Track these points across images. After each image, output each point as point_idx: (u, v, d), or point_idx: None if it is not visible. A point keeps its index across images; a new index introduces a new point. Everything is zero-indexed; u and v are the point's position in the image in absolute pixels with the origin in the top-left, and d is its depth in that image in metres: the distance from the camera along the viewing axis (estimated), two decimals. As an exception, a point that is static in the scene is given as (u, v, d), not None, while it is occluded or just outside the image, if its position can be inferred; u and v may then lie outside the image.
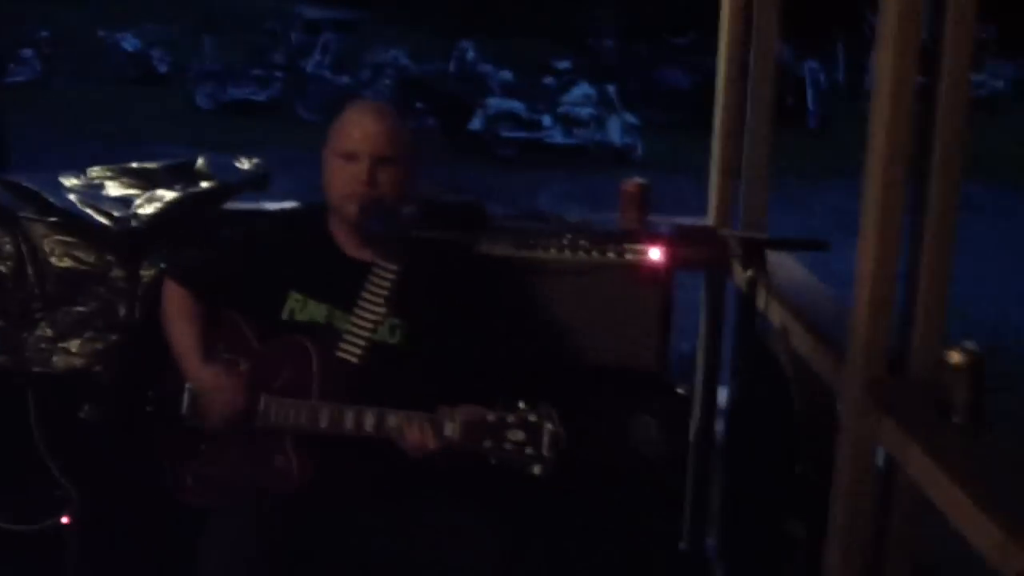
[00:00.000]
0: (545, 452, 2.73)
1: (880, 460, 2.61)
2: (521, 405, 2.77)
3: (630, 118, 17.62)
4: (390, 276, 3.19)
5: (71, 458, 3.73)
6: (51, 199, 3.78)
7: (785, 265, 3.52)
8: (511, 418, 2.76)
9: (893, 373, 2.56)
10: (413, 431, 2.88)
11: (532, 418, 2.75)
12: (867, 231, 2.51)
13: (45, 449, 3.73)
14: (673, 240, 3.55)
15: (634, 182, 3.84)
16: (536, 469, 2.74)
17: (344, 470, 3.07)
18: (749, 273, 3.24)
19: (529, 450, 2.74)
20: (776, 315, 3.31)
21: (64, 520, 3.67)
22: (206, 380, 3.19)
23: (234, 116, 18.98)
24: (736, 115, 3.88)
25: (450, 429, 2.84)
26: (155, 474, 3.34)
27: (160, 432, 3.36)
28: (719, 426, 3.98)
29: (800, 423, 3.07)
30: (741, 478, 3.71)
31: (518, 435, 2.75)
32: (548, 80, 19.67)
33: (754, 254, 3.23)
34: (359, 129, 3.15)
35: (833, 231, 2.90)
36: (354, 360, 3.13)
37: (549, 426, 2.74)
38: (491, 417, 2.77)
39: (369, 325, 3.15)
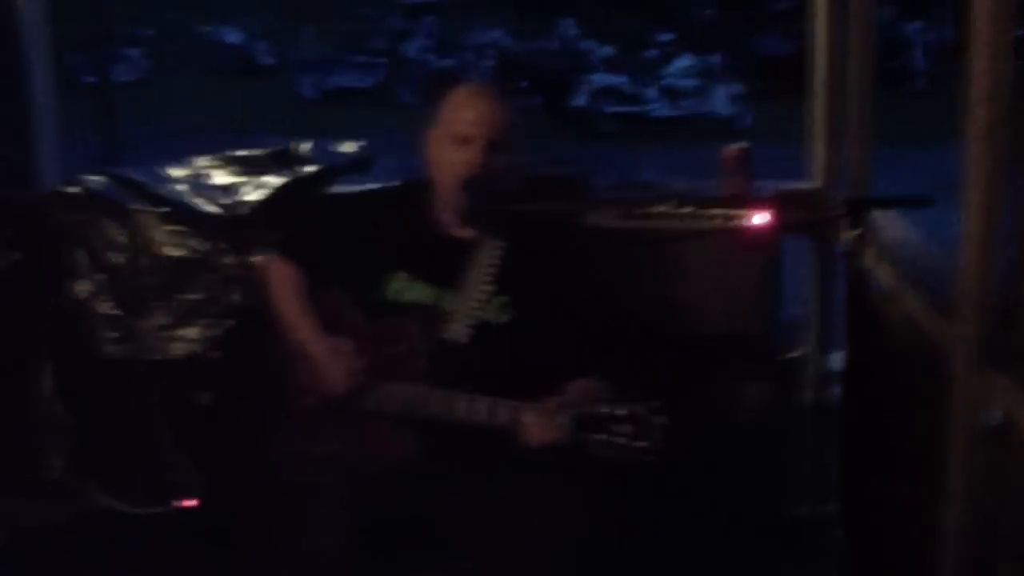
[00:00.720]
0: (656, 447, 2.72)
1: (993, 419, 2.58)
2: (630, 398, 2.76)
3: (735, 88, 17.47)
4: (496, 254, 3.19)
5: (192, 443, 3.80)
6: (161, 191, 3.86)
7: (893, 226, 3.48)
8: (621, 411, 2.75)
9: (1004, 330, 2.53)
10: (525, 424, 2.90)
11: (642, 411, 2.74)
12: (971, 187, 2.48)
13: (167, 435, 3.80)
14: (778, 203, 3.53)
15: (736, 147, 3.80)
16: (646, 461, 2.74)
17: (446, 450, 3.05)
18: (856, 234, 3.21)
19: (639, 444, 2.73)
20: (885, 276, 3.28)
21: (188, 503, 3.74)
22: (319, 354, 3.19)
23: (337, 104, 19.12)
24: (836, 77, 3.84)
25: (561, 422, 2.84)
26: (266, 454, 3.39)
27: (269, 412, 3.39)
28: (834, 390, 3.95)
29: (912, 384, 3.04)
30: (858, 442, 3.68)
31: (628, 428, 2.74)
32: (650, 53, 19.57)
33: (859, 214, 3.20)
34: (472, 113, 3.12)
35: (945, 192, 2.85)
36: (462, 341, 3.12)
37: (660, 420, 2.73)
38: (602, 411, 2.76)
39: (476, 304, 3.14)
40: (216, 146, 4.11)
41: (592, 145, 15.13)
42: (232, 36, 22.99)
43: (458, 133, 3.12)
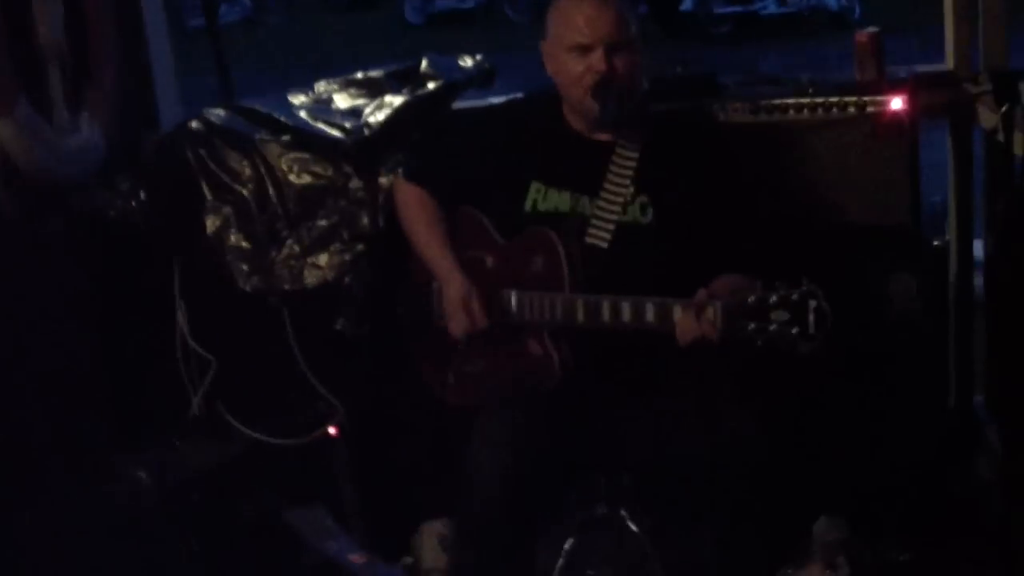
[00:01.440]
0: (812, 330, 2.62)
1: None
2: (780, 284, 2.67)
3: (843, -20, 17.10)
4: (632, 155, 3.12)
5: (331, 371, 3.81)
6: (283, 119, 3.84)
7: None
8: (773, 298, 2.65)
9: None
10: (675, 319, 2.83)
11: (795, 296, 2.64)
12: None
13: (305, 364, 3.81)
14: (914, 86, 3.43)
15: (867, 32, 3.69)
16: (804, 348, 2.65)
17: (602, 359, 3.03)
18: (1002, 111, 3.09)
19: (795, 330, 2.63)
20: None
21: (331, 432, 3.75)
22: (456, 277, 3.17)
23: (444, 27, 19.05)
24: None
25: (711, 314, 2.75)
26: (415, 379, 3.38)
27: (414, 336, 3.39)
28: (977, 279, 3.85)
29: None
30: (1004, 332, 3.59)
31: (782, 315, 2.64)
32: (758, -53, 19.19)
33: (1006, 90, 3.07)
34: (588, 19, 3.04)
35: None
36: (604, 245, 3.07)
37: (813, 303, 2.63)
38: (752, 299, 2.66)
39: (617, 207, 3.09)
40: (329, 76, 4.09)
41: (705, 48, 14.92)
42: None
43: (574, 42, 3.06)
